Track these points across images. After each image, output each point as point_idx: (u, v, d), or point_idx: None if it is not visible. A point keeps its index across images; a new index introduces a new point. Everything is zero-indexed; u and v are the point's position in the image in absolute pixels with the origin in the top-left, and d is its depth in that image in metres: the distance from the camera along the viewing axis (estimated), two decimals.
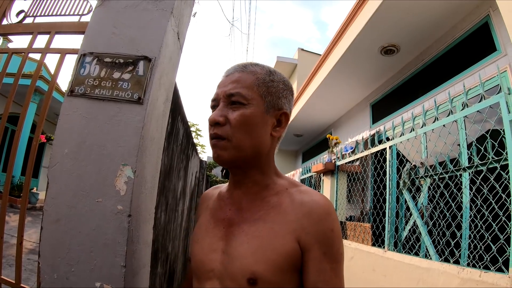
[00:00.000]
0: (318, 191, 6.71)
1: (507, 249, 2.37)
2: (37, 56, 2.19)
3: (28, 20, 2.24)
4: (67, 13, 2.23)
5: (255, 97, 1.06)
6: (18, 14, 2.24)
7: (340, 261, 0.97)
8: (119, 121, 1.54)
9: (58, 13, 2.24)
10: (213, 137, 1.05)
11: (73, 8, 2.21)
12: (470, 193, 2.98)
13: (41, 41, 2.17)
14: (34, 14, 2.25)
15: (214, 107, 1.10)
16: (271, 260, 0.94)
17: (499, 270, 2.46)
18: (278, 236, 0.97)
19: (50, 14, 2.25)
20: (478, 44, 4.91)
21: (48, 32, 2.14)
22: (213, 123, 1.04)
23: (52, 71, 2.05)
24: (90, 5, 2.16)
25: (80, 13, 2.18)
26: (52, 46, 2.13)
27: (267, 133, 1.09)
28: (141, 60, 1.61)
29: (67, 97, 1.61)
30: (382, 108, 7.73)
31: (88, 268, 1.43)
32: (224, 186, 1.29)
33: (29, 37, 2.15)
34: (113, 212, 1.44)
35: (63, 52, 2.07)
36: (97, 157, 1.51)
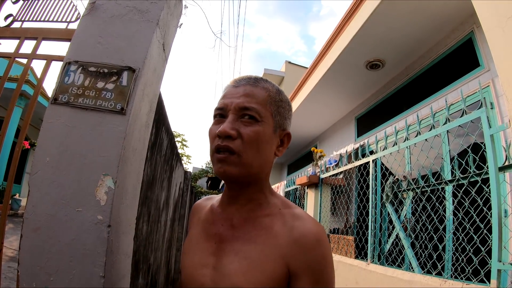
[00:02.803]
0: (302, 203, 6.73)
1: (489, 261, 2.39)
2: (24, 61, 2.18)
3: (16, 25, 2.22)
4: (55, 19, 2.22)
5: (267, 115, 1.03)
6: (6, 18, 2.22)
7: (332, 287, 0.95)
8: (101, 131, 1.54)
9: (47, 19, 2.23)
10: (221, 150, 0.98)
11: (62, 14, 2.21)
12: (452, 206, 3.02)
13: (28, 46, 2.16)
14: (22, 19, 2.23)
15: (220, 116, 1.04)
16: (261, 283, 0.91)
17: (481, 281, 2.49)
18: (268, 259, 0.94)
19: (38, 19, 2.24)
20: (462, 59, 4.98)
21: (35, 37, 2.13)
22: (224, 136, 0.97)
23: (39, 76, 2.04)
24: (78, 13, 2.16)
25: (68, 20, 2.17)
26: (40, 51, 2.11)
27: (272, 153, 1.08)
28: (125, 70, 1.62)
29: (50, 105, 1.60)
30: (367, 121, 7.78)
31: (67, 277, 1.42)
32: (216, 199, 1.24)
33: (17, 41, 2.14)
34: (92, 222, 1.44)
35: (49, 59, 2.06)
36: (78, 166, 1.51)
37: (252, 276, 0.93)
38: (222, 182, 21.46)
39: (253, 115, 1.00)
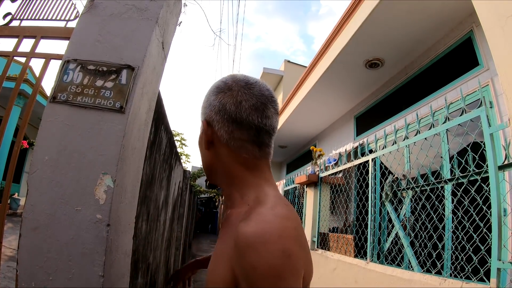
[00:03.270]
0: (302, 203, 6.71)
1: (488, 259, 2.39)
2: (22, 60, 2.17)
3: (15, 23, 2.21)
4: (53, 17, 2.21)
5: (203, 121, 1.09)
6: (5, 16, 2.21)
7: None
8: (100, 129, 1.53)
9: (45, 18, 2.23)
10: None
11: (60, 13, 2.20)
12: (451, 205, 3.01)
13: (27, 44, 2.15)
14: (21, 17, 2.23)
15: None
16: (215, 283, 0.88)
17: (481, 280, 2.48)
18: (220, 263, 0.90)
19: (37, 18, 2.23)
20: (461, 58, 4.98)
21: (34, 36, 2.12)
22: None
23: (38, 75, 2.03)
24: (77, 11, 2.15)
25: (67, 18, 2.16)
26: (38, 50, 2.11)
27: (204, 145, 1.09)
28: (124, 68, 1.61)
29: (49, 104, 1.60)
30: (366, 120, 7.79)
31: (66, 277, 1.41)
32: None
33: (15, 40, 2.13)
34: (92, 221, 1.43)
35: (48, 57, 2.05)
36: (77, 165, 1.50)
37: (211, 277, 0.91)
38: None
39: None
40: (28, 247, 1.45)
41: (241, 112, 1.00)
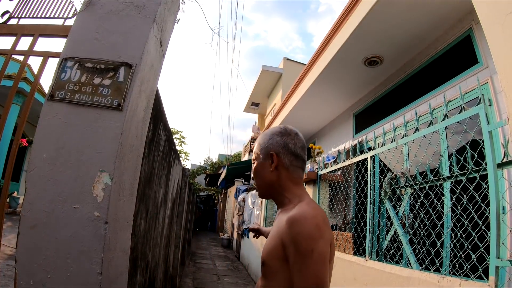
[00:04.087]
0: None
1: (487, 257, 2.39)
2: (21, 58, 2.16)
3: (13, 21, 2.21)
4: (52, 15, 2.20)
5: (258, 152, 1.63)
6: (3, 14, 2.21)
7: (309, 256, 1.25)
8: (98, 127, 1.53)
9: (43, 16, 2.22)
10: None
11: (58, 10, 2.19)
12: (450, 203, 3.01)
13: (25, 42, 2.15)
14: (19, 16, 2.22)
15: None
16: (270, 252, 1.38)
17: (479, 278, 2.48)
18: (274, 237, 1.39)
19: (35, 16, 2.23)
20: (460, 56, 4.97)
21: (32, 34, 2.12)
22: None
23: (36, 73, 2.03)
24: (75, 9, 2.14)
25: (65, 16, 2.16)
26: (36, 48, 2.10)
27: (267, 172, 1.57)
28: (122, 66, 1.61)
29: (47, 101, 1.59)
30: (365, 118, 7.76)
31: (64, 275, 1.41)
32: None
33: (13, 38, 2.13)
34: (90, 219, 1.44)
35: (46, 55, 2.05)
36: (75, 163, 1.50)
37: (267, 248, 1.41)
38: (220, 179, 21.54)
39: (253, 161, 1.63)
40: (26, 245, 1.45)
41: (296, 149, 1.57)
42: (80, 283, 1.40)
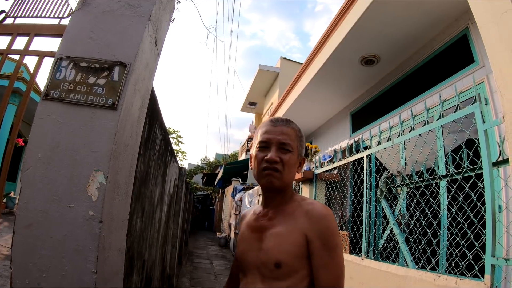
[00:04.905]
0: None
1: (483, 256, 2.40)
2: (17, 57, 2.16)
3: (9, 21, 2.21)
4: (47, 15, 2.20)
5: (295, 147, 1.50)
6: None
7: (335, 250, 1.33)
8: (92, 126, 1.53)
9: (39, 15, 2.22)
10: (270, 169, 1.43)
11: (54, 10, 2.19)
12: (446, 202, 3.02)
13: (21, 42, 2.15)
14: (15, 15, 2.22)
15: (264, 147, 1.48)
16: (288, 250, 1.34)
17: (476, 276, 2.49)
18: (293, 233, 1.36)
19: (30, 15, 2.23)
20: (456, 55, 4.98)
21: (27, 33, 2.12)
22: (272, 161, 1.42)
23: (32, 73, 2.03)
24: (71, 8, 2.14)
25: (61, 15, 2.16)
26: (32, 47, 2.10)
27: (295, 172, 1.52)
28: (117, 65, 1.61)
29: (42, 101, 1.60)
30: (362, 117, 7.78)
31: (59, 274, 1.41)
32: (257, 206, 1.66)
33: (9, 37, 2.13)
34: (84, 218, 1.44)
35: (42, 55, 2.05)
36: (70, 162, 1.50)
37: (283, 247, 1.35)
38: (218, 178, 21.51)
39: (288, 148, 1.47)
40: (21, 245, 1.46)
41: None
42: (75, 282, 1.40)
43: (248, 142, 20.97)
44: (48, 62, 1.89)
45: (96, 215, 1.43)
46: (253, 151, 1.56)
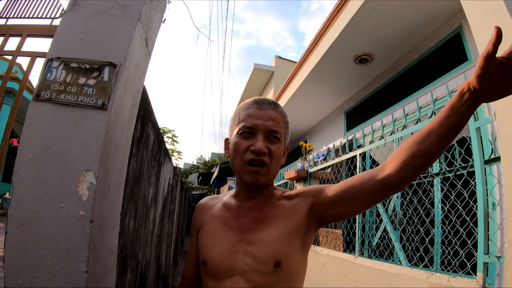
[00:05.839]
0: None
1: (475, 254, 2.41)
2: (10, 58, 2.17)
3: (1, 21, 2.21)
4: (39, 15, 2.21)
5: (283, 135, 1.35)
6: None
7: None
8: (83, 126, 1.54)
9: (31, 16, 2.23)
10: (256, 164, 1.27)
11: (46, 10, 2.20)
12: (439, 200, 3.04)
13: (14, 42, 2.15)
14: (7, 16, 2.22)
15: (249, 133, 1.29)
16: (290, 241, 1.24)
17: (468, 274, 2.50)
18: (290, 222, 1.27)
19: (23, 16, 2.23)
20: (450, 54, 4.99)
21: (19, 34, 2.12)
22: (261, 153, 1.25)
23: (24, 74, 2.03)
24: (63, 9, 2.14)
25: (52, 16, 2.16)
26: (25, 48, 2.11)
27: (281, 163, 1.38)
28: (107, 66, 1.62)
29: (33, 102, 1.60)
30: (356, 116, 7.80)
31: (51, 273, 1.42)
32: (224, 197, 1.50)
33: (1, 38, 2.13)
34: (75, 218, 1.44)
35: (34, 55, 2.06)
36: (60, 162, 1.51)
37: (284, 239, 1.24)
38: (213, 177, 21.48)
39: (277, 136, 1.31)
40: (14, 245, 1.47)
41: None
42: (67, 282, 1.41)
43: None
44: (41, 63, 1.90)
45: (86, 214, 1.44)
46: (233, 136, 1.35)
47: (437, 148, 1.04)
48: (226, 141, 1.43)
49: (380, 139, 3.76)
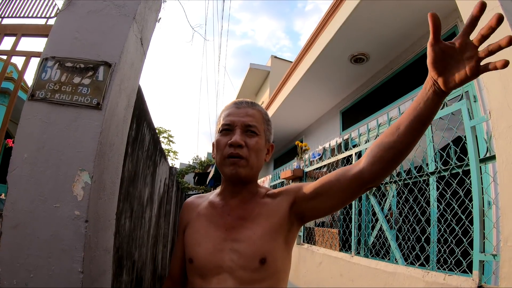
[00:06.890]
0: None
1: (471, 252, 2.42)
2: (4, 57, 2.16)
3: None
4: (34, 15, 2.20)
5: (261, 130, 1.39)
6: None
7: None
8: (77, 126, 1.54)
9: (26, 15, 2.22)
10: (234, 156, 1.30)
11: (41, 10, 2.19)
12: (435, 198, 3.04)
13: (9, 42, 2.14)
14: (2, 15, 2.22)
15: (227, 130, 1.35)
16: (274, 238, 1.27)
17: (464, 272, 2.51)
18: (273, 219, 1.30)
19: (18, 15, 2.23)
20: None
21: (14, 34, 2.12)
22: (236, 145, 1.29)
23: (19, 73, 2.03)
24: (58, 8, 2.14)
25: (47, 15, 2.16)
26: (20, 47, 2.10)
27: (264, 158, 1.42)
28: (101, 65, 1.62)
29: (27, 101, 1.60)
30: (352, 115, 7.81)
31: (46, 273, 1.42)
32: (210, 196, 1.54)
33: None
34: (70, 218, 1.44)
35: (29, 55, 2.05)
36: (55, 162, 1.50)
37: (268, 236, 1.27)
38: (209, 177, 21.46)
39: (255, 130, 1.35)
40: (9, 245, 1.46)
41: None
42: (62, 282, 1.41)
43: None
44: (36, 62, 1.90)
45: (81, 214, 1.44)
46: (215, 137, 1.41)
47: (407, 139, 1.07)
48: (213, 144, 1.45)
49: (375, 138, 3.76)
